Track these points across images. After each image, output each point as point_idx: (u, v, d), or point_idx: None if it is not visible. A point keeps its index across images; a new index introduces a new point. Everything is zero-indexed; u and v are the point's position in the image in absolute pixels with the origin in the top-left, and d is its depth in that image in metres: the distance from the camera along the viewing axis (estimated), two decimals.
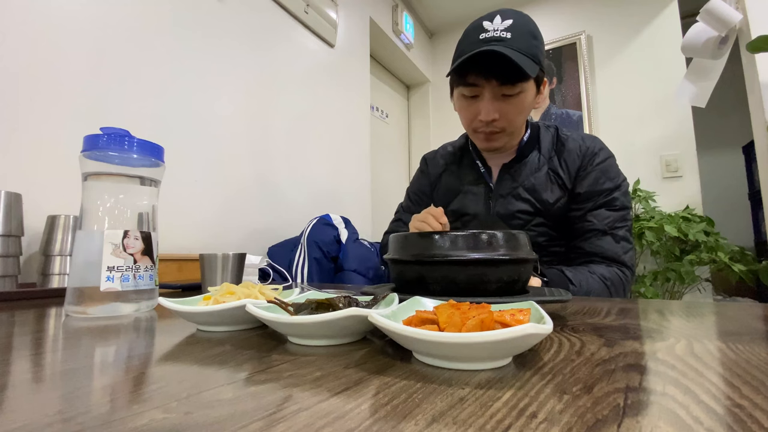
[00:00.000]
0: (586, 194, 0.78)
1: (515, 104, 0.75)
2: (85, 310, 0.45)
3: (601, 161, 0.80)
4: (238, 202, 1.32)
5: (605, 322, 0.40)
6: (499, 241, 0.45)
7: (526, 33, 0.70)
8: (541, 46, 0.73)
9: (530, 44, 0.70)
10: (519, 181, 0.83)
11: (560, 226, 0.82)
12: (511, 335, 0.21)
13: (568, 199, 0.80)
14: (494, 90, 0.73)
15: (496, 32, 0.70)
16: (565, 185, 0.80)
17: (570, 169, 0.81)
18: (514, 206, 0.82)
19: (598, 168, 0.79)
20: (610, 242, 0.75)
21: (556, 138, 0.85)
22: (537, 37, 0.72)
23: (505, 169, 0.85)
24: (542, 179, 0.81)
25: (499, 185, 0.85)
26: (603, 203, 0.77)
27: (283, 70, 1.57)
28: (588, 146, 0.81)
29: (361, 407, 0.18)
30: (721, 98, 1.96)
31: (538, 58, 0.72)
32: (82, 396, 0.20)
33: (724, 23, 1.45)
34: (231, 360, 0.26)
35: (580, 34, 2.41)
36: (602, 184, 0.77)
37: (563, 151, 0.82)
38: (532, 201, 0.81)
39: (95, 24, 0.97)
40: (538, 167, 0.83)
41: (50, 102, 0.88)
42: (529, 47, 0.70)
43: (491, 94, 0.74)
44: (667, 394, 0.19)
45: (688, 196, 2.03)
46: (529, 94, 0.75)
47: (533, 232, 0.80)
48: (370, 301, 0.35)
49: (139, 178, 0.50)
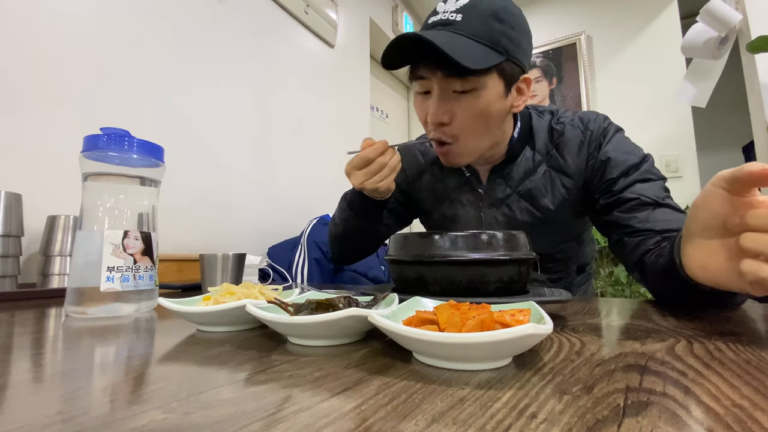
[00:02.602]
0: (609, 181, 0.64)
1: (470, 104, 0.60)
2: (85, 310, 0.45)
3: (611, 137, 0.67)
4: (238, 202, 1.32)
5: (605, 322, 0.40)
6: (499, 241, 0.46)
7: (484, 14, 0.57)
8: (510, 32, 0.58)
9: (489, 27, 0.56)
10: (513, 186, 0.71)
11: (564, 230, 0.73)
12: (511, 335, 0.21)
13: (578, 197, 0.68)
14: (442, 83, 0.60)
15: (446, 14, 0.58)
16: (573, 182, 0.68)
17: (575, 163, 0.67)
18: (511, 218, 0.71)
19: (612, 147, 0.65)
20: (671, 213, 0.59)
21: (551, 127, 0.71)
22: (503, 20, 0.57)
23: (496, 172, 0.72)
24: (540, 182, 0.69)
25: (491, 191, 0.73)
26: (637, 180, 0.62)
27: (284, 70, 1.57)
28: (592, 129, 0.67)
29: (361, 407, 0.18)
30: (721, 98, 1.96)
31: (502, 45, 0.57)
32: (81, 396, 0.20)
33: (724, 23, 1.45)
34: (231, 360, 0.26)
35: (580, 34, 2.41)
36: (625, 161, 0.64)
37: (562, 143, 0.69)
38: (530, 210, 0.70)
39: (95, 24, 0.97)
40: (533, 168, 0.70)
41: (50, 102, 0.88)
42: (488, 32, 0.56)
43: (440, 89, 0.60)
44: (667, 394, 0.19)
45: (688, 196, 2.02)
46: (490, 93, 0.59)
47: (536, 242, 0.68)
48: (370, 302, 0.35)
49: (139, 178, 0.50)
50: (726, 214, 0.35)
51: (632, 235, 0.60)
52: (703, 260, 0.38)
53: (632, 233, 0.60)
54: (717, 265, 0.36)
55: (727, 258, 0.35)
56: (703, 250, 0.38)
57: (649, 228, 0.58)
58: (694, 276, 0.40)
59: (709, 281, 0.38)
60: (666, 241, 0.56)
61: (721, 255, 0.36)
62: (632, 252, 0.60)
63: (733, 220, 0.34)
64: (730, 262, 0.35)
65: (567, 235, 0.76)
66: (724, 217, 0.35)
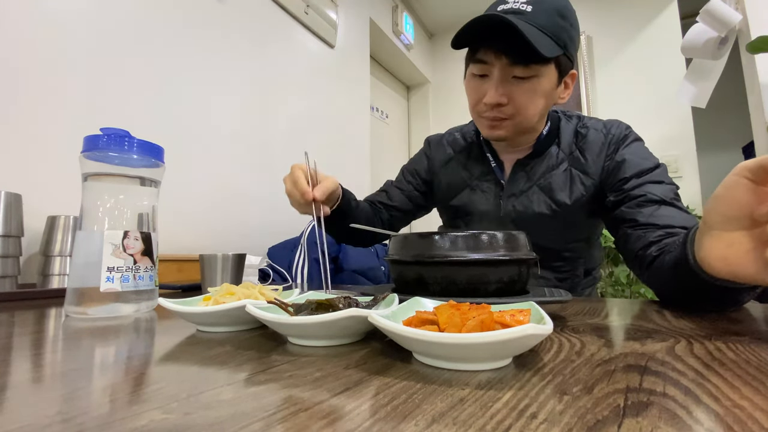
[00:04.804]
0: (622, 180, 0.67)
1: (527, 89, 0.65)
2: (85, 310, 0.45)
3: (630, 143, 0.71)
4: (238, 202, 1.32)
5: (605, 322, 0.40)
6: (499, 241, 0.46)
7: (551, 9, 0.62)
8: (570, 30, 0.63)
9: (554, 22, 0.61)
10: (534, 179, 0.74)
11: (575, 228, 0.76)
12: (511, 336, 0.21)
13: (594, 196, 0.71)
14: (504, 69, 0.64)
15: (516, 4, 0.62)
16: (592, 181, 0.71)
17: (595, 163, 0.71)
18: (528, 208, 0.74)
19: (629, 151, 0.69)
20: (676, 212, 0.61)
21: (576, 130, 0.76)
22: (566, 17, 0.63)
23: (520, 165, 0.76)
24: (560, 177, 0.73)
25: (512, 183, 0.76)
26: (648, 181, 0.65)
27: (284, 70, 1.57)
28: (613, 134, 0.72)
29: (361, 408, 0.18)
30: (721, 98, 1.96)
31: (563, 40, 0.62)
32: (81, 396, 0.20)
33: (724, 24, 1.45)
34: (231, 360, 0.26)
35: (580, 35, 2.41)
36: (639, 165, 0.67)
37: (585, 144, 0.73)
38: (548, 202, 0.73)
39: (95, 24, 0.97)
40: (556, 164, 0.74)
41: (50, 102, 0.88)
42: (553, 25, 0.61)
43: (500, 74, 0.64)
44: (667, 394, 0.19)
45: (688, 197, 2.03)
46: (546, 81, 0.65)
47: (548, 237, 0.72)
48: (370, 302, 0.35)
49: (139, 178, 0.50)
50: (750, 203, 0.34)
51: (635, 228, 0.62)
52: (723, 252, 0.37)
53: (635, 226, 0.62)
54: (739, 257, 0.36)
55: (752, 249, 0.34)
56: (724, 242, 0.37)
57: (652, 222, 0.60)
58: (712, 269, 0.39)
59: (730, 274, 0.37)
60: (669, 237, 0.57)
61: (743, 246, 0.35)
62: (633, 244, 0.61)
63: (761, 209, 0.33)
64: (754, 253, 0.34)
65: (578, 234, 0.78)
66: (748, 207, 0.34)
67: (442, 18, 2.88)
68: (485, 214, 0.78)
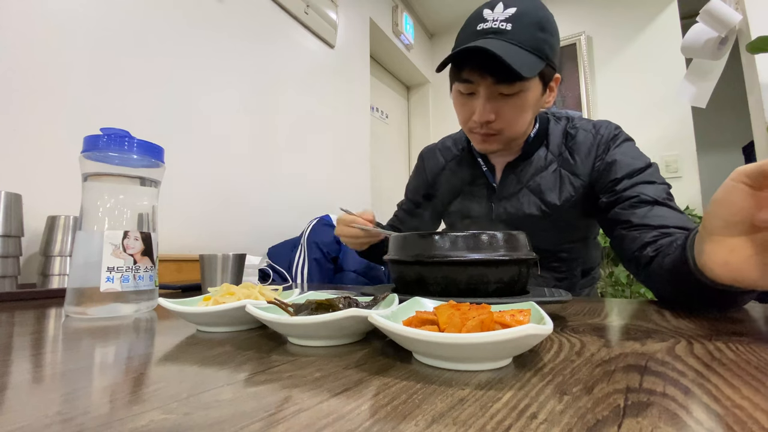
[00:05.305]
0: (613, 181, 0.67)
1: (514, 105, 0.66)
2: (85, 310, 0.45)
3: (620, 143, 0.71)
4: (238, 202, 1.32)
5: (605, 322, 0.40)
6: (499, 241, 0.46)
7: (530, 24, 0.62)
8: (550, 39, 0.64)
9: (534, 37, 0.62)
10: (524, 181, 0.76)
11: (569, 229, 0.76)
12: (511, 336, 0.21)
13: (584, 196, 0.72)
14: (490, 88, 0.65)
15: (495, 23, 0.62)
16: (581, 182, 0.72)
17: (584, 164, 0.72)
18: (519, 210, 0.76)
19: (620, 151, 0.69)
20: (670, 212, 0.61)
21: (566, 131, 0.76)
22: (545, 29, 0.63)
23: (510, 168, 0.78)
24: (549, 178, 0.74)
25: (503, 186, 0.78)
26: (640, 182, 0.65)
27: (283, 70, 1.57)
28: (602, 134, 0.72)
29: (361, 408, 0.18)
30: (721, 98, 1.96)
31: (544, 52, 0.63)
32: (81, 397, 0.20)
33: (724, 24, 1.45)
34: (231, 361, 0.26)
35: (580, 35, 2.41)
36: (630, 165, 0.67)
37: (574, 145, 0.74)
38: (538, 203, 0.74)
39: (95, 24, 0.97)
40: (545, 165, 0.75)
41: (50, 102, 0.88)
42: (533, 40, 0.62)
43: (487, 93, 0.66)
44: (667, 394, 0.19)
45: (688, 197, 2.03)
46: (532, 94, 0.66)
47: (541, 238, 0.70)
48: (370, 302, 0.35)
49: (139, 178, 0.50)
50: (749, 209, 0.34)
51: (629, 229, 0.62)
52: (725, 257, 0.37)
53: (630, 228, 0.62)
54: (741, 262, 0.35)
55: (754, 254, 0.34)
56: (725, 248, 0.37)
57: (646, 223, 0.60)
58: (714, 274, 0.39)
59: (732, 279, 0.37)
60: (664, 237, 0.57)
61: (745, 251, 0.35)
62: (629, 245, 0.61)
63: (762, 216, 0.33)
64: (756, 258, 0.34)
65: (572, 234, 0.78)
66: (748, 213, 0.34)
67: (442, 18, 2.88)
68: (478, 217, 0.80)
